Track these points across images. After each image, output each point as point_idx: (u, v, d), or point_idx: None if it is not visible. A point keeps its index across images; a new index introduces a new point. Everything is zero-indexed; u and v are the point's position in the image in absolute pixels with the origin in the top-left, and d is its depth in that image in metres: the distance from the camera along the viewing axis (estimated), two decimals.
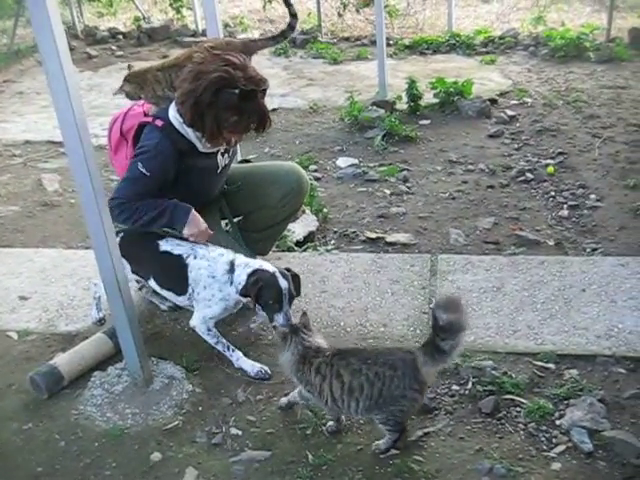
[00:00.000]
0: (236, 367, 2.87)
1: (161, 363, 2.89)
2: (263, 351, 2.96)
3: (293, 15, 3.35)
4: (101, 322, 3.22)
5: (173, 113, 2.90)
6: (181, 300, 3.01)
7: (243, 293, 2.80)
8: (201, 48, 2.94)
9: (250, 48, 3.15)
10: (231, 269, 2.84)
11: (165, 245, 2.97)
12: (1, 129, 6.43)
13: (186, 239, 2.98)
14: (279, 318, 2.70)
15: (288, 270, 2.86)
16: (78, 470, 2.43)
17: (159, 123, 2.90)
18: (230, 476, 2.34)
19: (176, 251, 2.95)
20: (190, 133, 2.90)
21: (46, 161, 5.55)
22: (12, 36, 9.10)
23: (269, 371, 2.82)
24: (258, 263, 2.86)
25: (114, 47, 9.38)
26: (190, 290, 2.92)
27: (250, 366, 2.84)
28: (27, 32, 9.67)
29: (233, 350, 2.88)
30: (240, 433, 2.54)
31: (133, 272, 3.07)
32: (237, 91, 2.71)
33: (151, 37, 9.57)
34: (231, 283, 2.83)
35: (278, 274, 2.77)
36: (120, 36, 9.82)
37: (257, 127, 2.89)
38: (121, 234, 3.04)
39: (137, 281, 3.24)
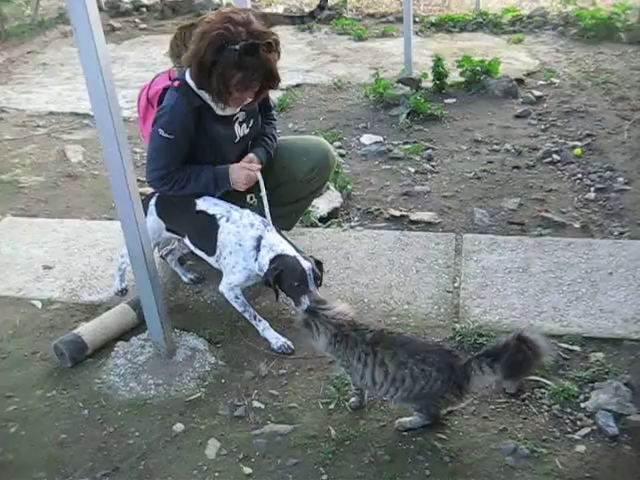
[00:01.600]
0: (261, 336, 2.86)
1: (184, 335, 2.90)
2: (286, 325, 2.95)
3: (321, 7, 3.29)
4: (123, 293, 3.23)
5: (188, 76, 2.89)
6: (212, 261, 3.02)
7: (265, 282, 2.80)
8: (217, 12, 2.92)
9: (269, 21, 3.11)
10: (257, 246, 2.82)
11: (202, 204, 2.97)
12: (25, 100, 6.43)
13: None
14: (306, 300, 2.66)
15: (311, 257, 2.85)
16: (101, 438, 2.45)
17: (176, 84, 2.91)
18: (252, 449, 2.35)
19: (211, 211, 2.95)
20: (204, 95, 2.89)
21: (70, 132, 5.55)
22: (35, 7, 9.08)
23: (292, 346, 2.82)
24: (281, 248, 2.81)
25: (137, 20, 9.33)
26: (218, 252, 2.92)
27: (275, 338, 2.84)
28: (50, 3, 9.68)
29: (260, 320, 2.88)
30: (262, 406, 2.54)
31: (168, 230, 3.09)
32: (237, 47, 2.68)
33: (175, 10, 9.51)
34: (255, 259, 2.83)
35: (299, 256, 2.76)
36: (144, 9, 9.75)
37: (265, 83, 2.85)
38: (157, 193, 3.06)
39: (161, 249, 3.26)
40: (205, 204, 2.97)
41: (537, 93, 5.75)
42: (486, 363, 2.20)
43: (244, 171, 2.98)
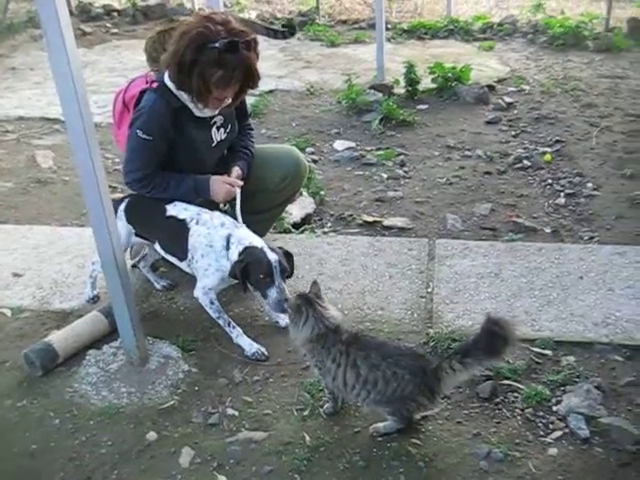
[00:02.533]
0: (234, 343, 2.85)
1: (157, 342, 2.87)
2: (260, 332, 2.94)
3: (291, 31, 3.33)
4: (95, 300, 3.20)
5: (167, 77, 2.89)
6: (184, 266, 3.00)
7: (232, 275, 2.79)
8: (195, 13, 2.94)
9: (247, 26, 3.12)
10: (227, 245, 2.82)
11: (172, 210, 2.96)
12: None
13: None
14: (272, 292, 2.68)
15: (280, 248, 2.85)
16: (73, 448, 2.41)
17: (155, 85, 2.91)
18: (226, 456, 2.33)
19: (181, 215, 2.94)
20: (184, 96, 2.89)
21: (40, 137, 5.49)
22: (4, 11, 8.98)
23: (266, 353, 2.81)
24: (249, 240, 2.81)
25: (109, 24, 9.28)
26: (190, 256, 2.91)
27: (249, 345, 2.82)
28: (19, 7, 9.56)
29: (234, 327, 2.87)
30: (236, 414, 2.52)
31: (137, 235, 3.08)
32: (217, 44, 2.68)
33: (146, 15, 9.47)
34: (227, 259, 2.82)
35: (266, 248, 2.76)
36: (115, 13, 9.71)
37: (245, 82, 2.85)
38: (127, 199, 3.05)
39: (133, 257, 3.23)
40: (175, 209, 2.96)
41: (508, 100, 5.83)
42: (456, 360, 2.22)
43: (225, 186, 3.00)
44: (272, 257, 2.72)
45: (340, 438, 2.37)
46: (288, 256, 2.86)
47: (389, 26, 8.06)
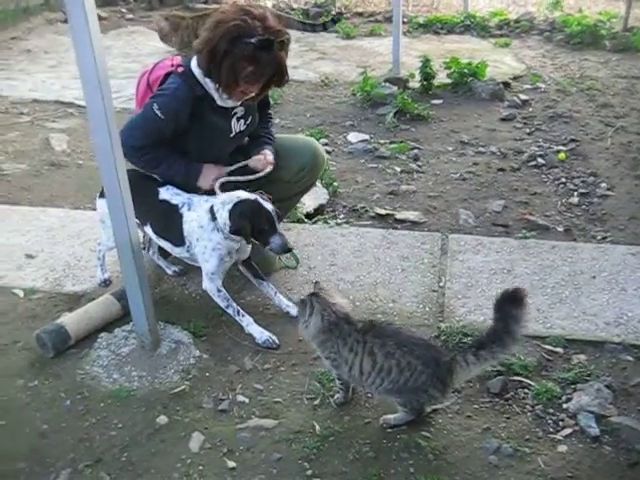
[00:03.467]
0: (245, 332, 2.86)
1: (168, 327, 2.87)
2: (271, 320, 2.94)
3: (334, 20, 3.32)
4: (106, 283, 3.21)
5: (195, 63, 2.89)
6: (178, 252, 3.01)
7: (233, 231, 2.79)
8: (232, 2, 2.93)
9: (281, 21, 3.13)
10: (213, 216, 2.82)
11: (164, 193, 2.96)
12: (8, 86, 6.35)
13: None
14: (275, 239, 2.77)
15: (261, 193, 2.88)
16: (83, 429, 2.42)
17: (180, 70, 2.92)
18: (236, 443, 2.34)
19: (174, 200, 2.94)
20: (209, 84, 2.89)
21: (54, 121, 5.50)
22: None
23: (277, 341, 2.81)
24: (234, 195, 2.83)
25: (124, 10, 9.29)
26: (187, 242, 2.92)
27: (259, 333, 2.83)
28: None
29: (243, 315, 2.87)
30: (247, 401, 2.53)
31: None
32: (253, 40, 2.69)
33: (162, 2, 9.48)
34: (218, 230, 2.82)
35: (260, 199, 2.80)
36: None
37: (274, 80, 2.87)
38: None
39: (144, 243, 3.23)
40: (168, 193, 2.96)
41: (523, 97, 5.81)
42: (471, 353, 2.22)
43: (213, 175, 3.01)
44: (269, 206, 2.77)
45: (350, 428, 2.38)
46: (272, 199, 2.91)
47: (405, 20, 8.03)
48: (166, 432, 2.40)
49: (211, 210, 2.83)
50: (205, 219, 2.84)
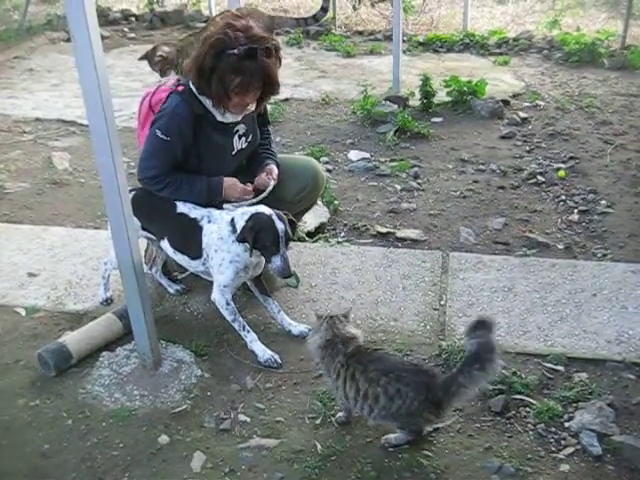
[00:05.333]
0: (248, 348, 2.86)
1: (170, 346, 2.88)
2: (272, 339, 2.95)
3: (324, 9, 3.38)
4: (108, 302, 3.21)
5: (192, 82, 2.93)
6: (194, 265, 3.01)
7: (240, 239, 2.81)
8: (227, 13, 2.97)
9: (274, 22, 3.17)
10: (233, 228, 2.84)
11: (182, 207, 2.97)
12: (11, 105, 6.40)
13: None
14: (276, 260, 2.78)
15: (285, 214, 2.89)
16: (85, 449, 2.42)
17: (180, 88, 2.95)
18: (238, 462, 2.34)
19: (192, 214, 2.95)
20: (206, 101, 2.92)
21: (56, 139, 5.53)
22: (24, 13, 9.07)
23: (279, 360, 2.81)
24: (254, 208, 2.86)
25: (126, 29, 9.36)
26: (205, 255, 2.92)
27: (262, 351, 2.83)
28: (39, 9, 9.67)
29: (248, 331, 2.87)
30: (248, 420, 2.53)
31: (143, 229, 3.08)
32: (236, 51, 2.73)
33: (164, 21, 9.55)
34: (236, 240, 2.84)
35: (275, 216, 2.81)
36: (132, 18, 9.81)
37: (267, 88, 2.88)
38: (134, 192, 3.04)
39: (146, 261, 3.24)
40: (186, 207, 2.98)
41: (522, 115, 5.84)
42: (466, 372, 2.22)
43: (240, 186, 3.04)
44: (280, 226, 2.78)
45: (352, 447, 2.38)
46: (292, 223, 2.92)
47: (405, 38, 8.08)
48: (168, 452, 2.40)
49: (232, 222, 2.85)
50: (225, 231, 2.86)
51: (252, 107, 2.99)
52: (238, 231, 2.82)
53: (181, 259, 3.05)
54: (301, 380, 2.72)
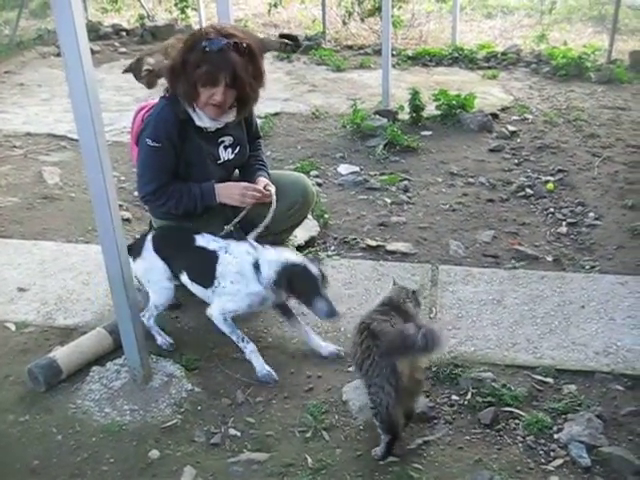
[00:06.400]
0: (247, 358, 2.86)
1: (160, 361, 2.88)
2: (263, 353, 2.93)
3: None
4: (173, 347, 3.06)
5: None
6: (207, 294, 2.97)
7: (277, 290, 2.81)
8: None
9: (265, 44, 3.21)
10: (257, 268, 2.83)
11: (201, 240, 2.97)
12: (2, 120, 6.40)
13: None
14: (320, 304, 2.74)
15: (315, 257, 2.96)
16: (75, 464, 2.41)
17: (165, 95, 3.00)
18: (228, 476, 2.34)
19: (211, 247, 2.94)
20: (187, 106, 2.95)
21: (47, 154, 5.52)
22: (15, 27, 9.09)
23: (276, 377, 2.80)
24: (284, 257, 2.84)
25: (117, 44, 9.38)
26: (216, 283, 2.89)
27: (261, 365, 2.83)
28: (29, 24, 9.70)
29: (248, 342, 2.87)
30: (239, 434, 2.53)
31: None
32: (203, 43, 2.77)
33: (154, 35, 9.58)
34: (259, 281, 2.82)
35: (307, 262, 2.81)
36: (123, 33, 9.84)
37: (233, 87, 2.86)
38: (153, 231, 3.06)
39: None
40: (204, 240, 2.97)
41: (511, 128, 5.89)
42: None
43: (237, 188, 3.05)
44: (315, 271, 2.77)
45: (342, 461, 2.38)
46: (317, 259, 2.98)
47: (394, 52, 8.15)
48: (158, 466, 2.40)
49: (256, 264, 2.84)
50: (247, 267, 2.84)
51: (232, 116, 3.00)
52: (263, 279, 2.81)
53: (197, 289, 3.01)
54: (291, 394, 2.73)
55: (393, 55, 7.87)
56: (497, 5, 11.21)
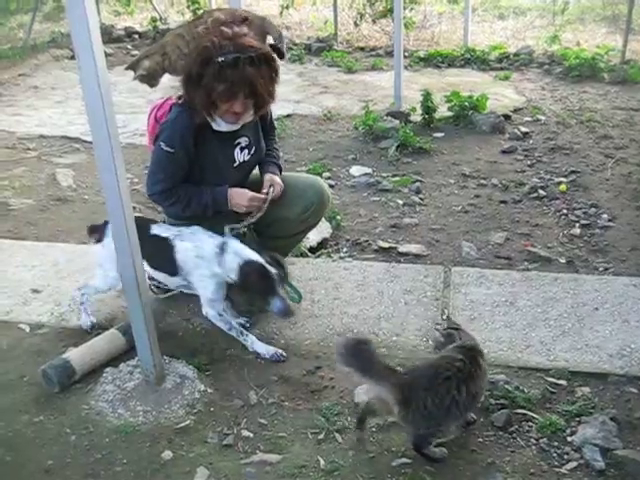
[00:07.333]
0: (250, 351, 2.92)
1: (173, 362, 2.88)
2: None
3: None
4: (94, 327, 3.16)
5: None
6: (176, 281, 3.07)
7: (239, 285, 2.87)
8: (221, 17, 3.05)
9: (268, 26, 3.24)
10: (221, 251, 2.89)
11: (156, 229, 3.04)
12: (15, 122, 6.44)
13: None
14: (276, 302, 2.83)
15: (271, 256, 2.95)
16: (88, 465, 2.42)
17: (180, 100, 2.99)
18: (241, 478, 2.34)
19: (164, 234, 3.01)
20: (204, 114, 2.94)
21: (60, 156, 5.56)
22: (29, 30, 9.15)
23: (284, 354, 2.89)
24: (247, 254, 2.89)
25: (130, 46, 9.43)
26: (180, 271, 2.99)
27: (265, 349, 2.90)
28: (43, 27, 9.77)
29: (247, 335, 2.93)
30: (251, 435, 2.54)
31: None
32: (219, 60, 2.75)
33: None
34: (219, 264, 2.89)
35: (265, 263, 2.86)
36: (136, 36, 9.88)
37: (251, 98, 2.87)
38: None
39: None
40: (159, 229, 3.05)
41: (523, 129, 5.86)
42: None
43: (247, 196, 3.06)
44: (273, 272, 2.84)
45: (355, 463, 2.38)
46: (279, 262, 2.97)
47: (406, 54, 8.13)
48: (171, 467, 2.40)
49: (222, 246, 2.89)
50: (208, 251, 2.91)
51: (250, 117, 3.01)
52: (226, 265, 2.88)
53: (162, 277, 3.12)
54: (303, 395, 2.73)
55: (405, 56, 7.85)
56: (509, 6, 11.16)
